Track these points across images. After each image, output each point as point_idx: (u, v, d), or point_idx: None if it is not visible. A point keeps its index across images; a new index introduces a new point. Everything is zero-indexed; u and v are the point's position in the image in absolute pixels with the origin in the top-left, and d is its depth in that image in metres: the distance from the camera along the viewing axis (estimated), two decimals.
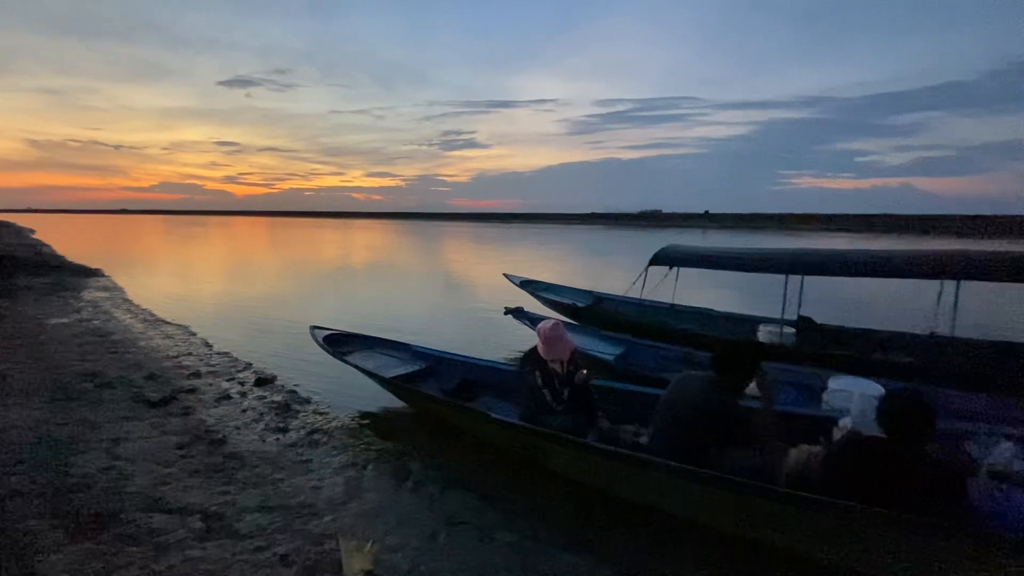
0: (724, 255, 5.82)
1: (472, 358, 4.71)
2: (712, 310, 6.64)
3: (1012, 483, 2.32)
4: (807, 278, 5.43)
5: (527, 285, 7.88)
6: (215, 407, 4.43)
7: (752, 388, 4.11)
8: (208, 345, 6.52)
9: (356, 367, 4.35)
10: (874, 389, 3.53)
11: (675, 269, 6.10)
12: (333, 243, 31.35)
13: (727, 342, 2.87)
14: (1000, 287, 4.50)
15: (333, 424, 4.11)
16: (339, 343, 4.84)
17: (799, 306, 5.58)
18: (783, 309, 5.21)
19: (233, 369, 5.51)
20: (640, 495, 2.91)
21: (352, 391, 4.72)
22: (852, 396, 3.50)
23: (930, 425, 2.16)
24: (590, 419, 3.38)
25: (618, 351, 5.11)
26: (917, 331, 5.17)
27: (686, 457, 2.69)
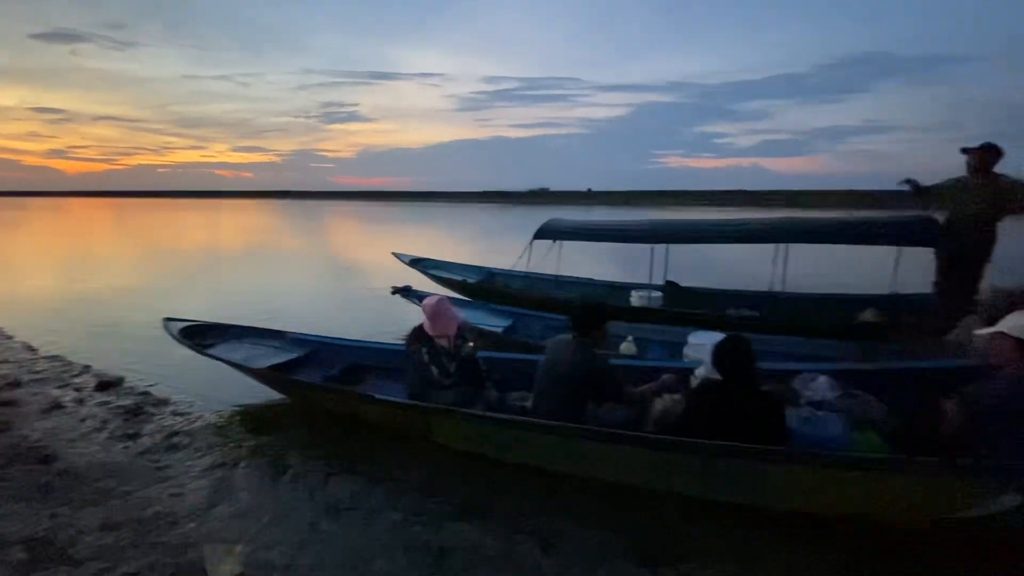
0: (598, 228, 6.33)
1: (358, 341, 4.51)
2: (594, 279, 7.04)
3: (825, 410, 2.77)
4: (674, 247, 5.98)
5: (417, 264, 7.70)
6: (42, 419, 3.76)
7: (627, 347, 4.48)
8: (31, 349, 5.49)
9: (221, 360, 3.94)
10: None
11: (559, 243, 6.38)
12: (197, 227, 27.96)
13: (579, 305, 3.06)
14: (824, 248, 5.30)
15: (197, 425, 3.70)
16: (199, 335, 4.33)
17: (665, 272, 6.12)
18: (650, 275, 5.73)
19: (66, 374, 4.71)
20: (526, 457, 3.02)
21: (221, 387, 4.27)
22: (705, 348, 3.92)
23: (748, 363, 2.50)
24: (478, 390, 3.42)
25: (507, 323, 5.24)
26: (761, 289, 5.92)
27: (567, 416, 2.84)
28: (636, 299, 5.83)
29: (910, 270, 5.12)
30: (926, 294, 4.90)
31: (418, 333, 3.44)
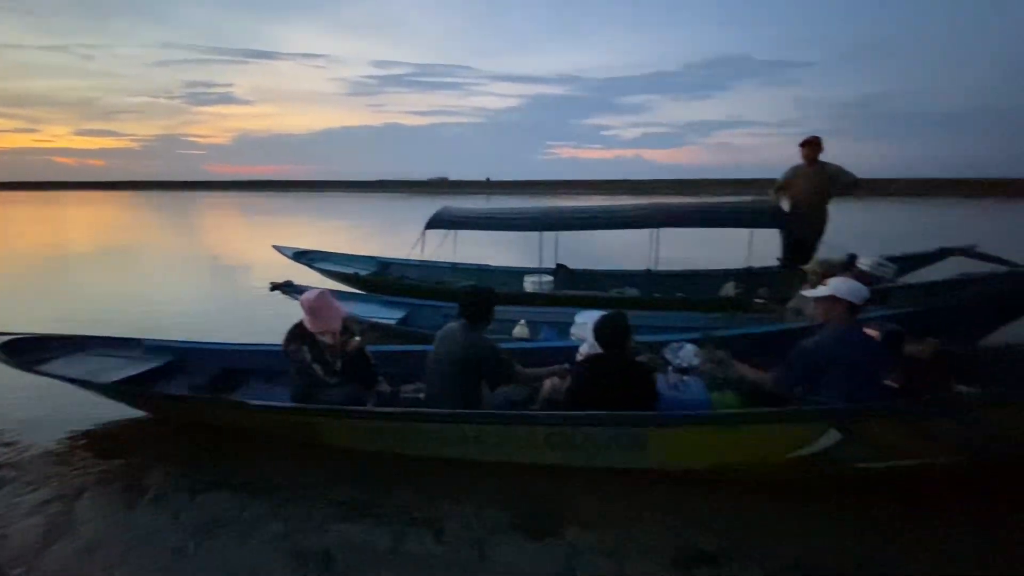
0: (489, 216, 6.42)
1: (231, 344, 4.12)
2: (489, 266, 7.10)
3: (691, 375, 3.05)
4: (565, 233, 6.24)
5: (302, 257, 7.17)
6: None
7: (519, 330, 4.59)
8: None
9: (55, 377, 3.38)
10: None
11: (459, 232, 6.36)
12: (35, 223, 23.68)
13: (467, 291, 3.08)
14: (693, 231, 5.79)
15: (26, 455, 3.14)
16: (28, 351, 3.68)
17: (556, 256, 6.37)
18: (540, 260, 5.95)
19: None
20: (422, 449, 2.97)
21: (64, 409, 3.65)
22: (587, 327, 4.14)
23: (624, 336, 2.71)
24: (369, 385, 3.30)
25: (401, 314, 5.12)
26: (640, 268, 6.37)
27: (460, 402, 2.85)
28: (529, 284, 6.03)
29: (764, 246, 5.82)
30: (774, 267, 5.61)
31: (298, 331, 3.22)
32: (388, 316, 5.06)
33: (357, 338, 3.37)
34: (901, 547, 2.24)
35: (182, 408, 3.40)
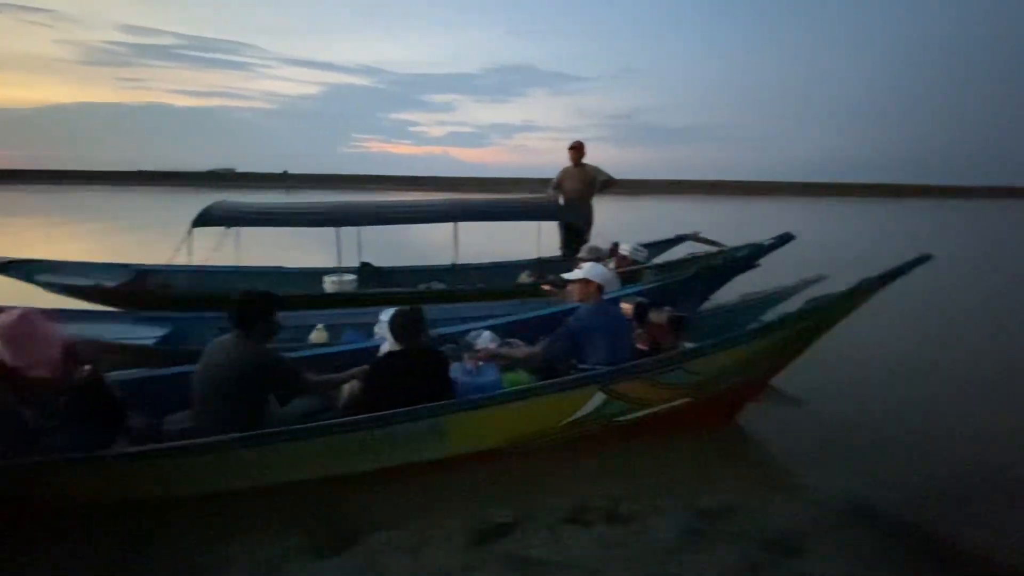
0: (273, 212, 5.72)
1: None
2: (283, 268, 6.47)
3: (487, 360, 3.26)
4: (368, 229, 6.02)
5: (11, 269, 5.41)
6: None
7: (317, 335, 4.33)
8: None
9: None
10: None
11: (240, 230, 5.53)
12: None
13: (241, 296, 2.79)
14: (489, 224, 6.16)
15: None
16: None
17: (359, 254, 6.16)
18: (339, 258, 5.68)
19: None
20: (189, 486, 2.57)
21: None
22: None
23: (418, 329, 2.78)
24: (113, 422, 2.70)
25: (163, 331, 4.28)
26: (446, 263, 6.55)
27: (237, 424, 2.51)
28: (329, 285, 5.66)
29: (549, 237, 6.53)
30: (559, 256, 6.35)
31: None
32: (145, 335, 4.21)
33: (87, 366, 2.71)
34: (652, 480, 2.78)
35: None
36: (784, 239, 4.89)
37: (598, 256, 4.98)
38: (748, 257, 5.13)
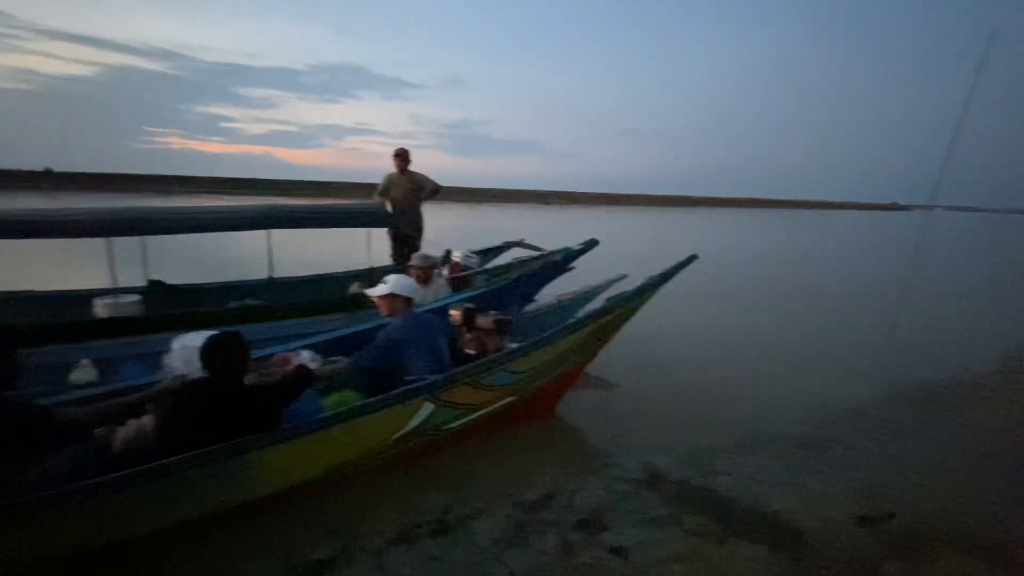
0: (25, 219, 4.42)
1: None
2: (35, 292, 5.16)
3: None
4: (157, 241, 5.06)
5: None
6: None
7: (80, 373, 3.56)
8: None
9: None
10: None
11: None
12: None
13: None
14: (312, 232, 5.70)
15: None
16: None
17: (145, 270, 5.19)
18: (114, 277, 4.65)
19: None
20: None
21: None
22: (192, 351, 3.57)
23: (240, 359, 2.49)
24: None
25: None
26: (261, 277, 5.91)
27: None
28: (102, 308, 4.59)
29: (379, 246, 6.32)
30: (391, 265, 6.18)
31: None
32: None
33: None
34: (479, 484, 2.85)
35: None
36: (591, 244, 5.48)
37: (432, 264, 4.96)
38: (563, 260, 5.62)
